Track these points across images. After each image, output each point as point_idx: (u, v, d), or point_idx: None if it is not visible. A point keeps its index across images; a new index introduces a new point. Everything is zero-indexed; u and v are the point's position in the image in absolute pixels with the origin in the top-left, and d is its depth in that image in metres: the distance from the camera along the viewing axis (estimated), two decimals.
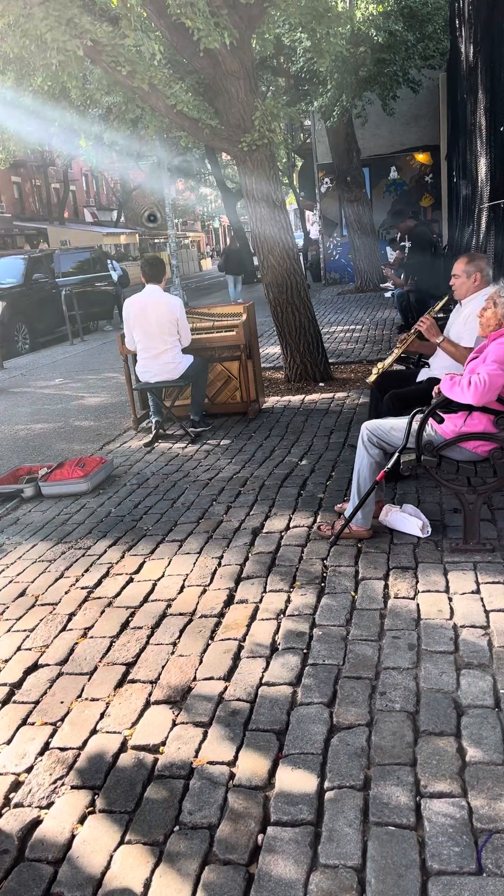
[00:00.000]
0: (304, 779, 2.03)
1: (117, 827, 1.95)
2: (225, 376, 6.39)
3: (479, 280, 3.93)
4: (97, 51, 5.55)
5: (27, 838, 1.96)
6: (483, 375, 3.07)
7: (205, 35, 5.66)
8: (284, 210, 7.04)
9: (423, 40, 12.29)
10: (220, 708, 2.39)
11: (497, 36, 6.67)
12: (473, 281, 3.94)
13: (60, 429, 6.81)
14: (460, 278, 3.98)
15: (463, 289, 3.99)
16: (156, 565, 3.56)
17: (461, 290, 4.00)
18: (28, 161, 33.70)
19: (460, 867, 1.70)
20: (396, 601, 2.93)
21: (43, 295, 14.17)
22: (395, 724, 2.20)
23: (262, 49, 8.65)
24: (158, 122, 7.18)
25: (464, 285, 3.98)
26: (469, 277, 3.94)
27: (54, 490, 4.80)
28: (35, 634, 3.03)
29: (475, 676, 2.39)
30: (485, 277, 3.94)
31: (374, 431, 3.46)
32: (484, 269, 3.95)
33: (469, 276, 3.94)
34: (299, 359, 7.33)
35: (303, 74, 13.89)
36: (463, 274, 3.96)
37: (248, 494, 4.37)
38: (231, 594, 3.17)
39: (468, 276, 3.94)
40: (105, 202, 44.85)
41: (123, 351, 6.18)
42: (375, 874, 1.70)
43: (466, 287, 3.97)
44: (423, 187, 18.22)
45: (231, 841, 1.85)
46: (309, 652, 2.65)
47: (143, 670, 2.66)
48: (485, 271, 3.95)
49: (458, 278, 3.98)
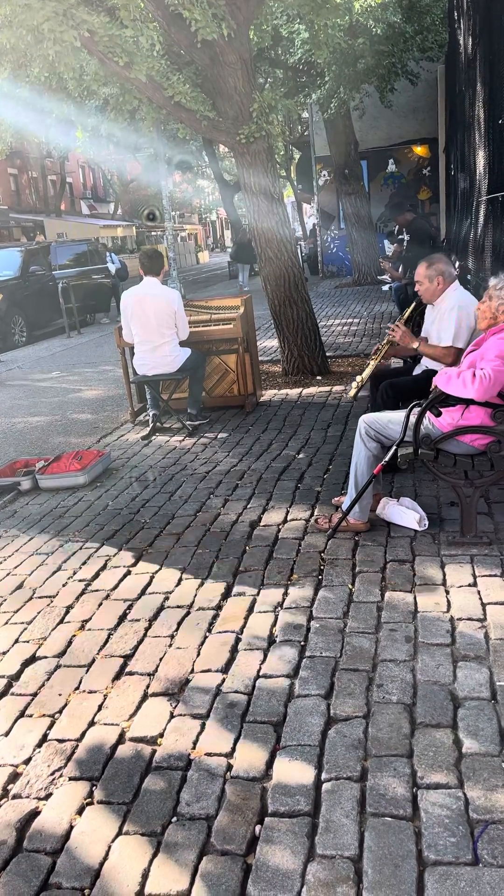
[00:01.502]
0: (302, 770, 2.04)
1: (115, 818, 1.96)
2: (222, 369, 6.38)
3: (441, 282, 4.03)
4: (94, 41, 5.52)
5: (25, 829, 1.97)
6: (487, 371, 3.07)
7: (202, 26, 5.63)
8: (282, 203, 7.03)
9: (422, 32, 12.23)
10: (218, 700, 2.39)
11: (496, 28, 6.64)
12: (437, 284, 4.04)
13: (57, 422, 6.80)
14: (423, 284, 4.08)
15: (429, 293, 4.10)
16: (153, 558, 3.56)
17: (427, 294, 4.11)
18: (25, 152, 33.53)
19: (456, 857, 1.71)
20: (393, 594, 2.94)
21: (40, 287, 14.12)
22: (392, 716, 2.21)
23: (260, 40, 8.62)
24: (156, 114, 7.15)
25: (428, 290, 4.08)
26: (432, 282, 4.05)
27: (51, 483, 4.80)
28: (33, 627, 3.03)
29: (472, 669, 2.40)
30: (447, 278, 4.03)
31: (372, 425, 3.46)
32: (444, 271, 4.03)
33: (431, 280, 4.04)
34: (297, 352, 7.33)
35: (301, 66, 13.84)
36: (425, 280, 4.06)
37: (245, 487, 4.38)
38: (228, 587, 3.17)
39: (430, 280, 4.05)
40: (102, 194, 44.67)
41: (121, 343, 6.17)
42: (372, 864, 1.71)
43: (431, 291, 4.08)
44: (420, 180, 18.17)
45: (229, 832, 1.86)
46: (306, 644, 2.66)
47: (140, 663, 2.67)
48: (445, 272, 4.03)
49: (422, 285, 4.09)
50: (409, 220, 8.78)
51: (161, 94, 6.04)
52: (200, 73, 6.57)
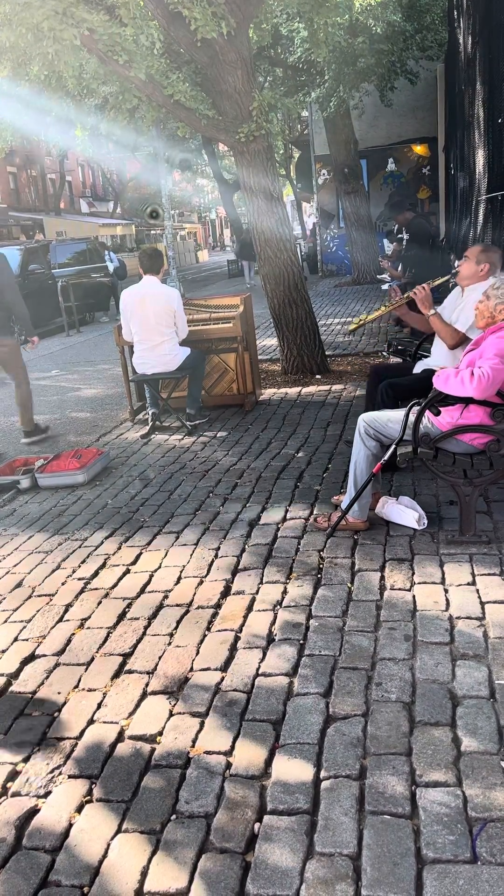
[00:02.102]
0: (301, 768, 2.04)
1: (114, 816, 1.96)
2: (222, 368, 6.38)
3: (486, 271, 3.92)
4: (94, 40, 5.51)
5: (25, 827, 1.97)
6: (486, 369, 3.07)
7: (202, 24, 5.62)
8: (282, 202, 7.02)
9: (422, 31, 12.23)
10: (217, 698, 2.40)
11: (496, 27, 6.64)
12: (481, 270, 3.93)
13: (57, 420, 6.80)
14: (470, 262, 3.96)
15: (468, 272, 3.97)
16: (152, 556, 3.56)
17: (465, 272, 3.98)
18: (24, 151, 33.50)
19: (455, 856, 1.71)
20: (392, 592, 2.94)
21: (39, 286, 14.10)
22: (391, 715, 2.21)
23: (260, 39, 8.61)
24: (155, 113, 7.14)
25: (470, 269, 3.96)
26: (479, 265, 3.93)
27: (51, 481, 4.80)
28: (32, 625, 3.03)
29: (470, 667, 2.40)
30: (492, 270, 3.93)
31: (371, 423, 3.46)
32: (495, 263, 3.93)
33: (479, 263, 3.93)
34: (296, 351, 7.32)
35: (300, 65, 13.80)
36: (474, 259, 3.95)
37: (244, 486, 4.38)
38: (228, 585, 3.18)
39: (478, 263, 3.93)
40: (101, 193, 44.62)
41: (120, 342, 6.17)
42: (371, 862, 1.71)
43: (472, 272, 3.96)
44: (420, 179, 18.16)
45: (228, 829, 1.86)
46: (305, 643, 2.66)
47: (140, 661, 2.67)
48: (495, 264, 3.93)
49: (468, 261, 3.97)
50: (408, 218, 8.79)
51: (161, 92, 6.04)
52: (200, 72, 6.57)
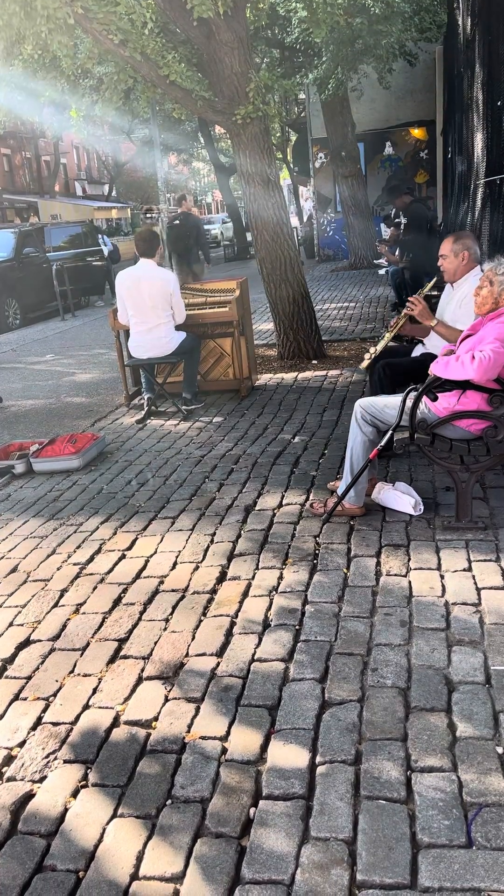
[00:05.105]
0: (296, 753, 2.04)
1: (110, 801, 1.96)
2: (217, 353, 6.35)
3: (467, 259, 3.91)
4: (88, 18, 5.43)
5: (20, 812, 1.97)
6: (487, 352, 3.05)
7: (198, 3, 5.55)
8: (279, 185, 6.96)
9: (420, 12, 12.05)
10: (213, 683, 2.40)
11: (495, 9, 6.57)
12: (462, 260, 3.92)
13: (52, 405, 6.77)
14: (448, 258, 3.95)
15: (452, 268, 3.96)
16: (148, 542, 3.55)
17: (450, 269, 3.97)
18: (18, 133, 33.14)
19: (450, 840, 1.71)
20: (388, 578, 2.94)
21: (33, 269, 13.99)
22: (387, 700, 2.21)
23: (257, 19, 8.49)
24: (151, 93, 7.05)
25: (452, 264, 3.95)
26: (457, 256, 3.92)
27: (46, 466, 4.78)
28: (27, 610, 3.02)
29: (466, 653, 2.40)
30: (472, 256, 3.91)
31: (368, 409, 3.45)
32: (471, 247, 3.91)
33: (457, 255, 3.92)
34: (292, 336, 7.29)
35: (298, 46, 13.65)
36: (451, 253, 3.93)
37: (240, 472, 4.37)
38: (223, 571, 3.17)
39: (455, 255, 3.92)
40: (96, 175, 44.23)
41: (116, 326, 6.13)
42: (366, 847, 1.72)
43: (455, 266, 3.94)
44: (418, 163, 18.03)
45: (223, 814, 1.86)
46: (301, 628, 2.66)
47: (135, 646, 2.67)
48: (472, 249, 3.91)
49: (447, 258, 3.96)
50: (406, 202, 8.72)
51: (156, 72, 5.96)
52: (196, 53, 6.48)
